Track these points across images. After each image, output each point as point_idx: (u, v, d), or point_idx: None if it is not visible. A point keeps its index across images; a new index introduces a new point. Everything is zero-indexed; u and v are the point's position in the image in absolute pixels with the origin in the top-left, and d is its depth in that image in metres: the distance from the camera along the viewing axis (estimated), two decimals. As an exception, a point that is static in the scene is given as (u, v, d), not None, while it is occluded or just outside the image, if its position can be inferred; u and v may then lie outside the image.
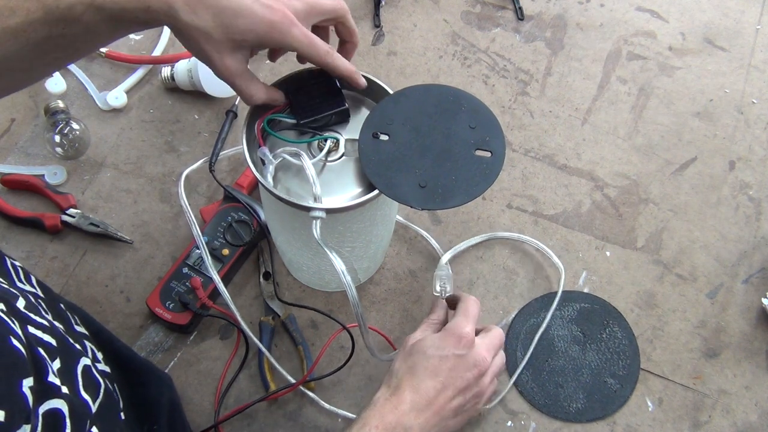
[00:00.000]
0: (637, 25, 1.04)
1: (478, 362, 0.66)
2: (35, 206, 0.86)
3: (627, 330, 0.82)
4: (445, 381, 0.64)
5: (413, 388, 0.63)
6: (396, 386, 0.63)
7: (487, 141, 0.60)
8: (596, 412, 0.77)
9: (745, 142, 0.95)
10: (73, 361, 0.56)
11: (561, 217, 0.89)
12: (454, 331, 0.67)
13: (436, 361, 0.64)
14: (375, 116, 0.62)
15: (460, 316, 0.69)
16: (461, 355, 0.65)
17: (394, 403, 0.62)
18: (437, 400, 0.63)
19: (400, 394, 0.62)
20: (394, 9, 1.04)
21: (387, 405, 0.62)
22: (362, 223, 0.67)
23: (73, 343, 0.59)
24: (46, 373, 0.49)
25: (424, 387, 0.63)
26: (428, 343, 0.66)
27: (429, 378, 0.63)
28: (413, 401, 0.62)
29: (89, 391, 0.55)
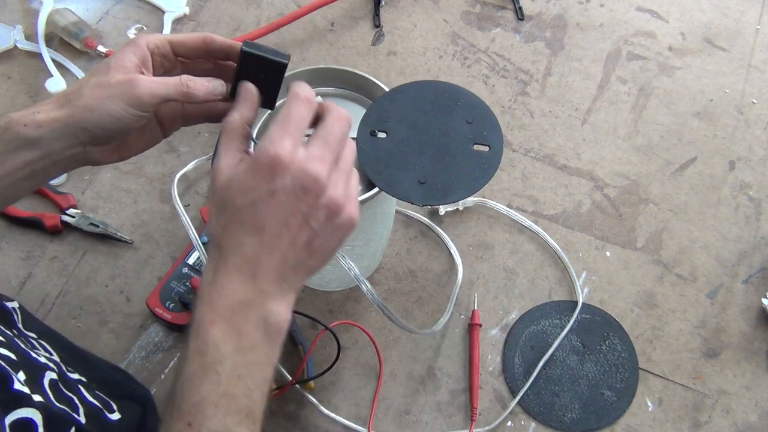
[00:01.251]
0: (637, 25, 1.04)
1: (308, 184, 0.48)
2: (35, 206, 0.86)
3: (627, 343, 0.81)
4: (271, 230, 0.48)
5: (235, 252, 0.48)
6: (218, 258, 0.49)
7: (484, 135, 0.60)
8: (591, 423, 0.77)
9: (745, 142, 0.95)
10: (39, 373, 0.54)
11: (561, 217, 0.89)
12: (260, 157, 0.47)
13: (250, 211, 0.48)
14: (372, 114, 0.62)
15: (273, 127, 0.49)
16: (280, 188, 0.47)
17: (221, 282, 0.48)
18: (272, 255, 0.49)
19: (224, 270, 0.48)
20: (394, 9, 1.05)
21: (214, 290, 0.48)
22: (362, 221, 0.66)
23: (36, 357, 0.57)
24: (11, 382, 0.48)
25: (248, 248, 0.48)
26: (234, 189, 0.48)
27: (249, 236, 0.48)
28: (241, 270, 0.48)
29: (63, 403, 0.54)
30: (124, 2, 1.03)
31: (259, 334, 0.48)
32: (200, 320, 0.47)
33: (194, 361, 0.47)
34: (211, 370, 0.46)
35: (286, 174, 0.47)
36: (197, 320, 0.48)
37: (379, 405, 0.77)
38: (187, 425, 0.45)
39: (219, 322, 0.47)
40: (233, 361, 0.47)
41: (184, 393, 0.46)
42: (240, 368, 0.47)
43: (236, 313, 0.48)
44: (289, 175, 0.47)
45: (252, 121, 0.54)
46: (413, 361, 0.80)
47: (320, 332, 0.75)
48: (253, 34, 0.96)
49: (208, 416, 0.45)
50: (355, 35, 1.02)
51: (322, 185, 0.48)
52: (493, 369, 0.80)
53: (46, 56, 0.94)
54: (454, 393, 0.78)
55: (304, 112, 0.50)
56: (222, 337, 0.47)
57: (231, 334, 0.47)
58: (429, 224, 0.87)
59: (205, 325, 0.47)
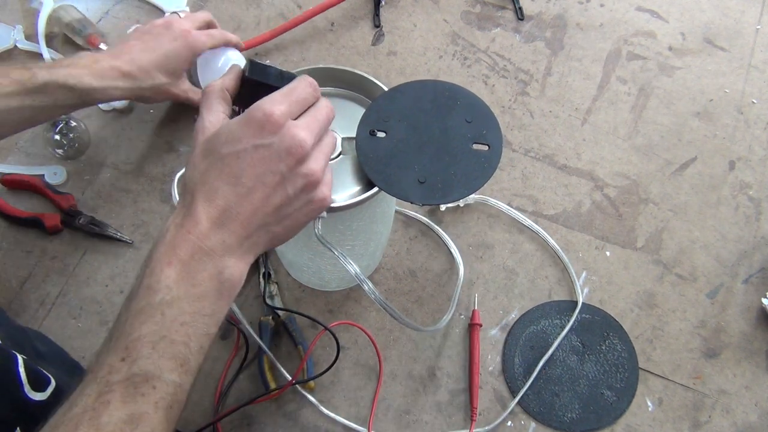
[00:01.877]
0: (637, 25, 1.04)
1: (293, 147, 0.49)
2: (35, 206, 0.86)
3: (627, 343, 0.81)
4: (248, 182, 0.49)
5: (208, 199, 0.49)
6: (188, 203, 0.50)
7: (484, 135, 0.60)
8: (591, 423, 0.77)
9: (745, 142, 0.95)
10: None
11: (561, 217, 0.89)
12: (254, 113, 0.50)
13: (232, 161, 0.49)
14: (371, 114, 0.62)
15: (276, 93, 0.52)
16: (266, 144, 0.49)
17: (188, 227, 0.48)
18: (242, 207, 0.49)
19: (192, 214, 0.49)
20: (394, 9, 1.05)
21: (179, 233, 0.48)
22: (362, 221, 0.67)
23: None
24: None
25: (221, 195, 0.49)
26: (222, 138, 0.50)
27: (226, 183, 0.49)
28: (210, 216, 0.49)
29: None
30: (124, 2, 1.03)
31: (212, 286, 0.49)
32: (158, 259, 0.48)
33: (143, 298, 0.47)
34: (158, 310, 0.46)
35: (275, 132, 0.49)
36: (155, 259, 0.48)
37: (379, 405, 0.77)
38: (120, 360, 0.45)
39: (176, 264, 0.47)
40: (181, 306, 0.47)
41: (125, 327, 0.46)
42: (186, 315, 0.47)
43: (194, 260, 0.48)
44: (278, 135, 0.49)
45: (233, 91, 0.55)
46: (413, 361, 0.80)
47: (320, 332, 0.75)
48: (256, 39, 0.96)
49: (143, 355, 0.45)
50: (355, 35, 1.02)
51: (305, 152, 0.50)
52: (493, 369, 0.80)
53: (46, 56, 0.95)
54: (454, 393, 0.78)
55: (307, 94, 0.52)
56: (176, 280, 0.47)
57: (185, 279, 0.47)
58: (429, 224, 0.87)
59: (162, 265, 0.47)
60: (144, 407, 0.45)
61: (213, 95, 0.53)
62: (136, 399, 0.44)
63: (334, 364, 0.73)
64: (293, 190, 0.51)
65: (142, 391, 0.45)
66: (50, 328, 0.79)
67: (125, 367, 0.45)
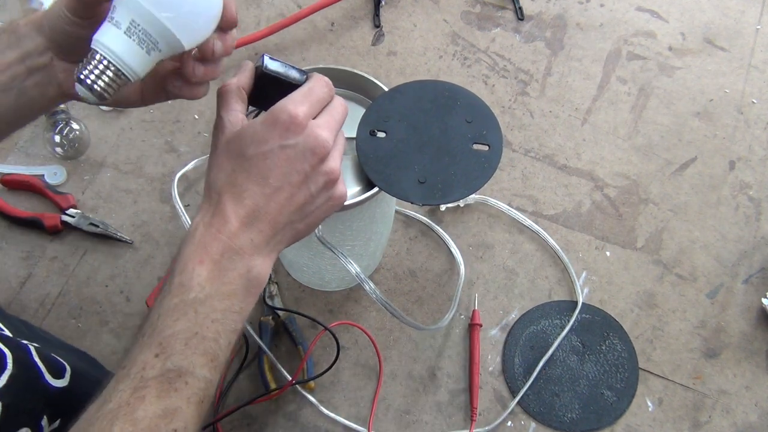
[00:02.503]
0: (637, 25, 1.04)
1: (317, 147, 0.51)
2: (35, 206, 0.86)
3: (627, 343, 0.81)
4: (275, 182, 0.51)
5: (236, 199, 0.50)
6: (216, 204, 0.51)
7: (484, 135, 0.60)
8: (591, 423, 0.77)
9: (745, 142, 0.95)
10: None
11: (561, 217, 0.89)
12: (279, 114, 0.51)
13: (259, 161, 0.51)
14: (371, 114, 0.62)
15: (297, 93, 0.53)
16: (291, 145, 0.51)
17: (217, 226, 0.50)
18: (269, 207, 0.51)
19: (221, 214, 0.50)
20: (394, 9, 1.05)
21: (208, 232, 0.50)
22: (362, 221, 0.67)
23: None
24: None
25: (249, 195, 0.51)
26: (247, 139, 0.51)
27: (254, 184, 0.51)
28: (239, 215, 0.50)
29: None
30: None
31: (241, 284, 0.50)
32: (189, 257, 0.49)
33: (176, 295, 0.48)
34: (191, 307, 0.48)
35: (299, 133, 0.51)
36: (186, 257, 0.49)
37: (379, 405, 0.77)
38: (154, 356, 0.46)
39: (208, 262, 0.49)
40: (212, 304, 0.48)
41: (158, 324, 0.47)
42: (217, 312, 0.49)
43: (225, 258, 0.49)
44: (302, 135, 0.51)
45: (248, 88, 0.56)
46: (413, 361, 0.80)
47: (320, 332, 0.75)
48: (255, 35, 0.96)
49: (177, 351, 0.46)
50: (355, 35, 1.02)
51: (327, 151, 0.52)
52: (493, 369, 0.80)
53: (46, 56, 0.94)
54: (454, 393, 0.78)
55: (324, 93, 0.54)
56: (207, 278, 0.48)
57: (216, 278, 0.49)
58: (429, 224, 0.87)
59: (193, 263, 0.49)
60: (178, 402, 0.46)
61: (230, 94, 0.54)
62: (170, 394, 0.45)
63: (334, 364, 0.73)
64: (315, 188, 0.52)
65: (175, 386, 0.46)
66: (50, 328, 0.79)
67: (159, 363, 0.46)
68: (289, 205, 0.52)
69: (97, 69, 0.47)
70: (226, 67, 0.67)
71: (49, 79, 0.56)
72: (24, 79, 0.55)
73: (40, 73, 0.55)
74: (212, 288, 0.49)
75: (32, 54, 0.55)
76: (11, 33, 0.55)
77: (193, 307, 0.48)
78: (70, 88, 0.54)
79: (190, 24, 0.49)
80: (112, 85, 0.48)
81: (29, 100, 0.56)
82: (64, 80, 0.56)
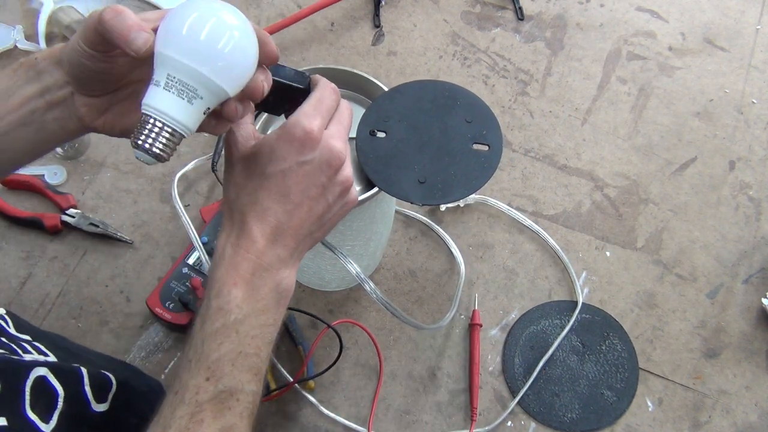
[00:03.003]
0: (637, 25, 1.04)
1: (332, 159, 0.52)
2: (35, 206, 0.86)
3: (627, 343, 0.81)
4: (295, 198, 0.52)
5: (260, 218, 0.52)
6: (240, 224, 0.52)
7: (484, 135, 0.60)
8: (591, 423, 0.77)
9: (745, 142, 0.95)
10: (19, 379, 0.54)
11: (561, 217, 0.89)
12: (294, 130, 0.51)
13: (279, 179, 0.51)
14: (371, 114, 0.62)
15: (307, 105, 0.53)
16: (308, 160, 0.51)
17: (245, 246, 0.51)
18: (291, 222, 0.52)
19: (247, 234, 0.51)
20: (394, 9, 1.05)
21: (237, 254, 0.51)
22: (362, 221, 0.67)
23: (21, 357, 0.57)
24: None
25: (272, 214, 0.52)
26: (265, 157, 0.51)
27: (275, 202, 0.52)
28: (264, 234, 0.52)
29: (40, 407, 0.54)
30: (123, 2, 1.03)
31: (272, 298, 0.52)
32: (223, 281, 0.50)
33: (216, 319, 0.50)
34: (232, 329, 0.50)
35: (315, 148, 0.51)
36: (219, 280, 0.51)
37: (379, 405, 0.77)
38: (205, 380, 0.48)
39: (241, 284, 0.50)
40: (250, 322, 0.50)
41: (204, 349, 0.49)
42: (255, 329, 0.51)
43: (256, 277, 0.51)
44: (318, 150, 0.51)
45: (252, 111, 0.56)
46: (413, 361, 0.80)
47: (321, 332, 0.75)
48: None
49: (225, 373, 0.49)
50: (355, 35, 1.02)
51: (342, 162, 0.53)
52: (493, 369, 0.80)
53: (46, 56, 0.94)
54: (454, 393, 0.78)
55: (332, 101, 0.54)
56: (243, 298, 0.50)
57: (251, 297, 0.51)
58: (429, 224, 0.87)
59: (228, 286, 0.50)
60: (232, 419, 0.49)
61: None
62: (224, 413, 0.48)
63: (336, 362, 0.73)
64: (332, 197, 0.54)
65: (228, 405, 0.49)
66: (50, 328, 0.78)
67: (211, 387, 0.48)
68: (309, 217, 0.53)
69: (152, 132, 0.47)
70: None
71: (69, 113, 0.54)
72: (43, 113, 0.54)
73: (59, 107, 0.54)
74: (248, 307, 0.50)
75: (52, 88, 0.53)
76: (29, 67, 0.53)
77: (234, 329, 0.50)
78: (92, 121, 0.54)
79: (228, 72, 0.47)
80: (169, 145, 0.48)
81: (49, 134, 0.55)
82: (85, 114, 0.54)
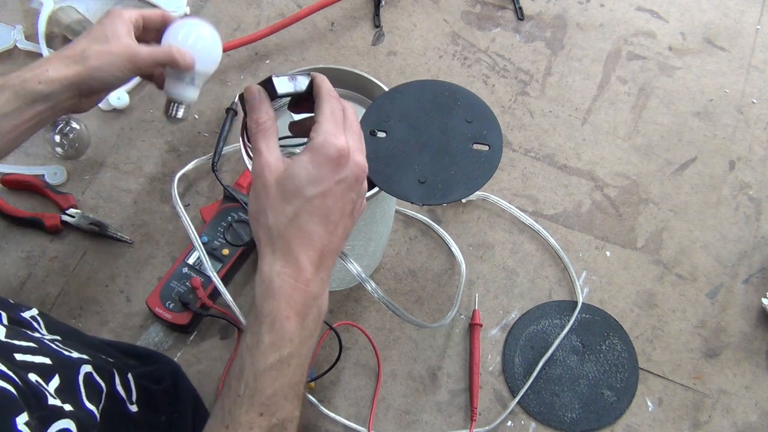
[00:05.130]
0: (637, 25, 1.04)
1: (359, 174, 0.52)
2: (35, 206, 0.86)
3: (627, 343, 0.81)
4: (335, 218, 0.52)
5: (306, 244, 0.51)
6: (285, 251, 0.51)
7: (484, 135, 0.60)
8: (591, 422, 0.77)
9: (745, 142, 0.95)
10: (73, 373, 0.56)
11: (561, 217, 0.89)
12: (327, 150, 0.50)
13: (320, 201, 0.50)
14: (371, 114, 0.62)
15: (327, 123, 0.52)
16: (344, 178, 0.51)
17: (293, 275, 0.50)
18: (332, 242, 0.52)
19: (294, 262, 0.50)
20: (394, 9, 1.05)
21: (287, 284, 0.50)
22: (362, 221, 0.67)
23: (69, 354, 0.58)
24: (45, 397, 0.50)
25: (318, 237, 0.51)
26: (302, 179, 0.50)
27: (319, 224, 0.51)
28: (311, 260, 0.51)
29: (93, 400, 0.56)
30: (123, 2, 1.03)
31: (316, 324, 0.52)
32: (275, 314, 0.50)
33: (270, 354, 0.49)
34: (286, 363, 0.50)
35: (348, 165, 0.51)
36: (271, 314, 0.50)
37: (379, 405, 0.77)
38: (258, 415, 0.49)
39: (293, 316, 0.50)
40: (301, 351, 0.51)
41: (257, 385, 0.49)
42: (303, 357, 0.51)
43: (306, 307, 0.51)
44: (349, 167, 0.51)
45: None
46: (413, 361, 0.80)
47: (324, 332, 0.75)
48: (255, 35, 0.96)
49: (279, 407, 0.50)
50: (355, 35, 1.02)
51: (365, 173, 0.53)
52: (493, 369, 0.80)
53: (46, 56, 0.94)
54: (454, 393, 0.78)
55: (339, 109, 0.53)
56: (295, 331, 0.50)
57: (301, 327, 0.50)
58: (429, 223, 0.87)
59: (281, 320, 0.50)
60: None
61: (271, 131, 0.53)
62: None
63: (336, 363, 0.73)
64: (358, 212, 0.55)
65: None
66: (50, 328, 0.79)
67: (265, 422, 0.49)
68: (344, 234, 0.53)
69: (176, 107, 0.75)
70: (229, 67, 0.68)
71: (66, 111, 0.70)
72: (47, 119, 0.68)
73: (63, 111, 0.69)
74: (299, 338, 0.50)
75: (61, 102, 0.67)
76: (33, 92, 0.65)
77: (287, 362, 0.50)
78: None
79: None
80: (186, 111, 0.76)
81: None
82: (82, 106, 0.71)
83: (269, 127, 0.53)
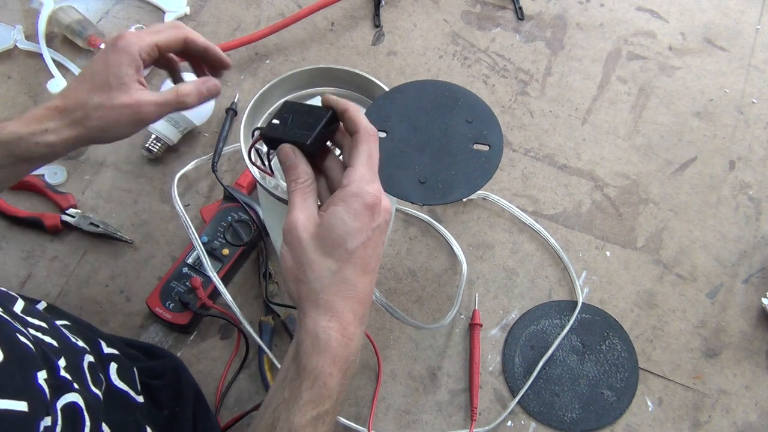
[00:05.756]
0: (637, 25, 1.04)
1: (388, 217, 0.52)
2: (35, 206, 0.86)
3: (627, 343, 0.81)
4: (374, 264, 0.52)
5: (351, 297, 0.50)
6: (329, 306, 0.50)
7: (484, 135, 0.60)
8: (591, 422, 0.77)
9: (745, 142, 0.95)
10: (78, 358, 0.57)
11: (561, 217, 0.89)
12: (365, 199, 0.50)
13: (361, 252, 0.50)
14: (372, 114, 0.62)
15: (363, 168, 0.52)
16: (379, 224, 0.51)
17: (340, 331, 0.50)
18: (372, 287, 0.52)
19: (340, 318, 0.50)
20: (394, 9, 1.05)
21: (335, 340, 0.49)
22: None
23: (75, 341, 0.59)
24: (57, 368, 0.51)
25: (361, 290, 0.51)
26: (341, 232, 0.50)
27: (361, 275, 0.50)
28: (357, 313, 0.51)
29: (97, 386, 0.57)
30: (124, 2, 1.03)
31: (352, 378, 0.52)
32: (319, 371, 0.49)
33: (308, 412, 0.48)
34: (321, 420, 0.49)
35: (381, 212, 0.51)
36: (314, 371, 0.49)
37: (379, 405, 0.77)
38: None
39: (336, 373, 0.49)
40: (336, 408, 0.50)
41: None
42: (337, 412, 0.51)
43: (348, 362, 0.50)
44: (381, 214, 0.51)
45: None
46: (413, 361, 0.80)
47: None
48: (255, 35, 0.96)
49: None
50: (355, 35, 1.02)
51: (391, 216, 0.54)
52: (493, 369, 0.80)
53: (47, 56, 0.94)
54: (454, 393, 0.78)
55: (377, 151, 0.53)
56: (335, 387, 0.49)
57: (341, 384, 0.50)
58: (429, 222, 0.87)
59: (324, 377, 0.49)
60: None
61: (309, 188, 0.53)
62: None
63: None
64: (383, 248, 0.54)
65: None
66: (50, 328, 0.79)
67: None
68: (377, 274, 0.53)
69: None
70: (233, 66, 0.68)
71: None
72: None
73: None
74: (337, 393, 0.50)
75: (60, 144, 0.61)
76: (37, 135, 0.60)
77: (323, 419, 0.49)
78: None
79: None
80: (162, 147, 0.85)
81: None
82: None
83: (309, 185, 0.53)
